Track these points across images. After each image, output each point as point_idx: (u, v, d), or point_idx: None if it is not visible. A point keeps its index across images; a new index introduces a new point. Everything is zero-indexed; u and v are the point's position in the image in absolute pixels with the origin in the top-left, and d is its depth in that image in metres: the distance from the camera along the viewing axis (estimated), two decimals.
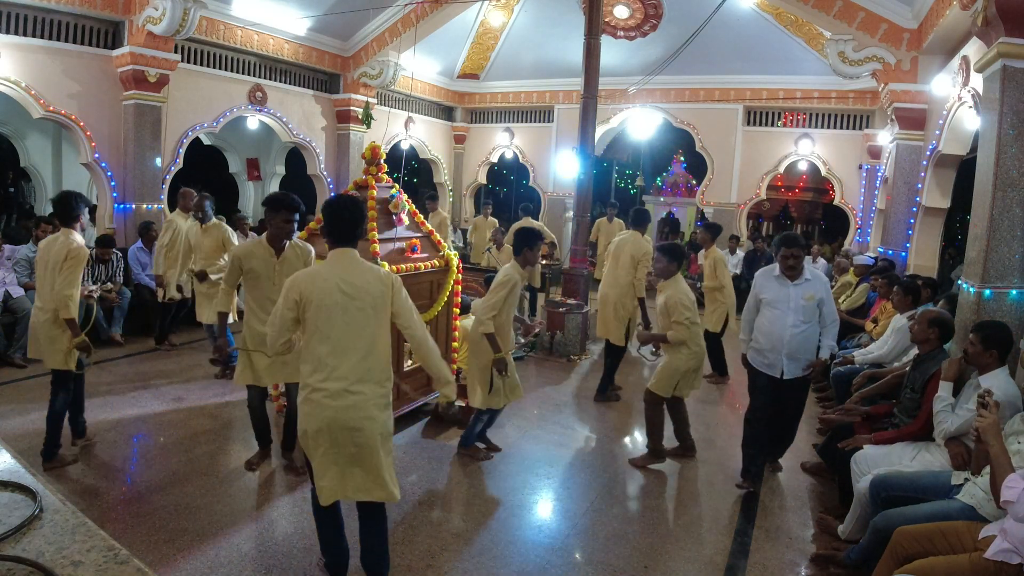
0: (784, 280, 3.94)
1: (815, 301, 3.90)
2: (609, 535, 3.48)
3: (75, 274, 3.70)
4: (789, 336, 3.88)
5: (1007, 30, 3.78)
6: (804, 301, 3.87)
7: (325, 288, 2.54)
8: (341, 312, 2.53)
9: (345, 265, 2.61)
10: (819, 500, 3.97)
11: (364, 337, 2.56)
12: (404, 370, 4.82)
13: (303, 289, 2.55)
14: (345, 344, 2.54)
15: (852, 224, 10.40)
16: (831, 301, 4.00)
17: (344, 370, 2.52)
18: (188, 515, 3.40)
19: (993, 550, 2.27)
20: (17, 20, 6.65)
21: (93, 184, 8.46)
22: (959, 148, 6.25)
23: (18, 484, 1.34)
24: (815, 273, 3.99)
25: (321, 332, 2.53)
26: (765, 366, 4.01)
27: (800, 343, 3.91)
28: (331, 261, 2.64)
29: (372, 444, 2.57)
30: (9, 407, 4.75)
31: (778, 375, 3.96)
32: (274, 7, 8.47)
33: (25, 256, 6.32)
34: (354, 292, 2.55)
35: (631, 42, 10.26)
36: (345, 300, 2.54)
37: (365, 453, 2.58)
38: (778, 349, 3.93)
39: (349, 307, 2.54)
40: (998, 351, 3.15)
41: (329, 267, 2.63)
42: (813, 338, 3.94)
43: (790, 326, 3.88)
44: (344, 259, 2.63)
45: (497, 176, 17.68)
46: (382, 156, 4.85)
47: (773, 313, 3.96)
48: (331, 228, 2.66)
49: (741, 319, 4.27)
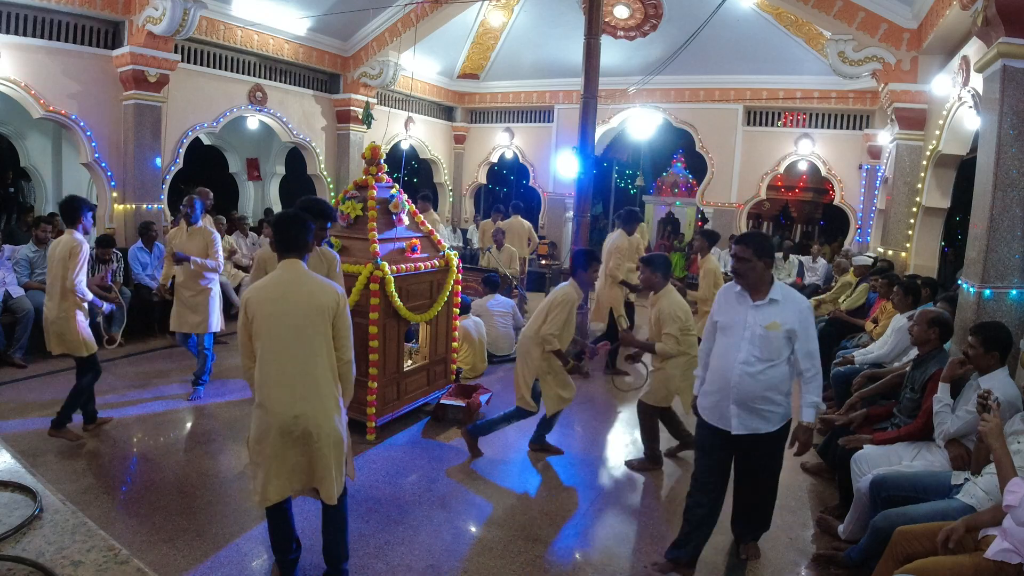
0: (744, 298, 2.93)
1: (781, 332, 2.82)
2: (609, 535, 3.48)
3: (79, 266, 4.11)
4: (737, 376, 2.85)
5: (1007, 30, 3.78)
6: (763, 330, 2.82)
7: (269, 298, 2.63)
8: (281, 321, 2.61)
9: (293, 278, 2.69)
10: (819, 500, 3.97)
11: (307, 345, 2.62)
12: (404, 370, 4.82)
13: (248, 302, 2.65)
14: (290, 352, 2.60)
15: (852, 224, 10.40)
16: (811, 338, 2.88)
17: (290, 378, 2.59)
18: (188, 515, 3.40)
19: (993, 550, 2.27)
20: (17, 20, 6.65)
21: (93, 184, 8.46)
22: (959, 148, 6.25)
23: (18, 484, 1.35)
24: (789, 294, 2.92)
25: (267, 339, 2.61)
26: (714, 416, 3.00)
27: (752, 389, 2.84)
28: (278, 274, 2.72)
29: (323, 452, 2.63)
30: (9, 407, 4.74)
31: (728, 429, 2.95)
32: (274, 7, 8.47)
33: (25, 256, 6.33)
34: (296, 301, 2.63)
35: (631, 42, 10.25)
36: (286, 308, 2.62)
37: (315, 460, 2.64)
38: (725, 392, 2.91)
39: (290, 316, 2.61)
40: (999, 352, 3.15)
41: (275, 281, 2.70)
42: (777, 384, 2.86)
43: (739, 362, 2.85)
44: (292, 271, 2.70)
45: (497, 176, 17.67)
46: (382, 156, 4.86)
47: (723, 343, 2.97)
48: (279, 242, 2.76)
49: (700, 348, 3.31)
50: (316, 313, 2.63)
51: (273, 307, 2.61)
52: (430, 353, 5.11)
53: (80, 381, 4.22)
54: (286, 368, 2.60)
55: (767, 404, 2.87)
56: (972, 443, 3.04)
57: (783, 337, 2.83)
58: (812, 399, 2.90)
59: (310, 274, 2.73)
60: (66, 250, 4.07)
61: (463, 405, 4.91)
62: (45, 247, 6.40)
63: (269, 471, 2.62)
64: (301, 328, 2.61)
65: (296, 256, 2.72)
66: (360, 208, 4.68)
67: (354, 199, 4.71)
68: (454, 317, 5.34)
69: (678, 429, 4.52)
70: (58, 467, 3.87)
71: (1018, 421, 2.87)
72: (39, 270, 6.31)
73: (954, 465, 3.08)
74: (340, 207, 4.75)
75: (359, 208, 4.68)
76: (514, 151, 12.96)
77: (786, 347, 2.86)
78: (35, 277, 6.25)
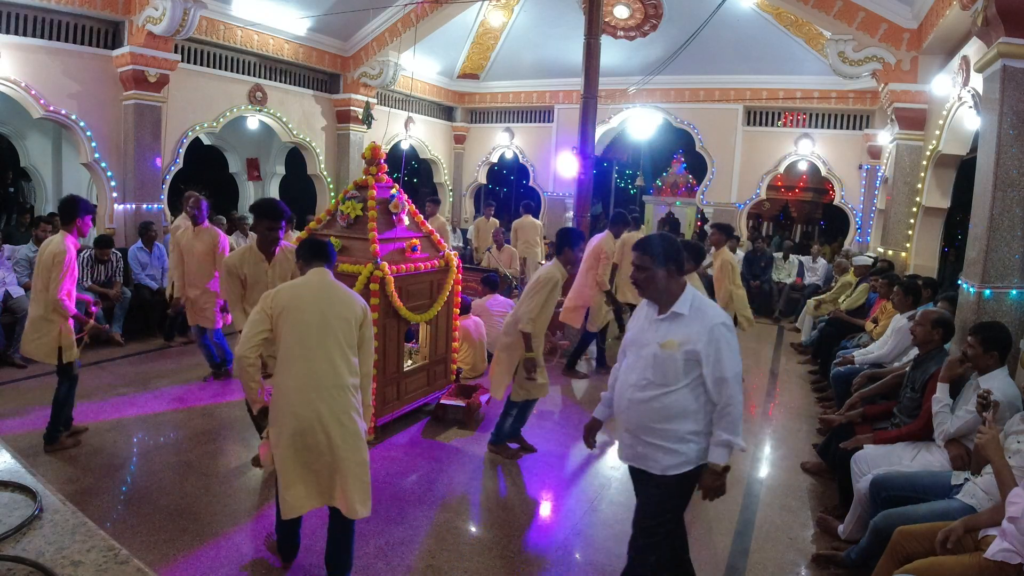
0: (653, 310, 2.51)
1: (679, 353, 2.33)
2: (609, 535, 3.48)
3: (61, 275, 3.87)
4: (626, 401, 2.47)
5: (1007, 30, 3.78)
6: (659, 348, 2.37)
7: (304, 302, 2.70)
8: (316, 326, 2.66)
9: (322, 283, 2.80)
10: (819, 500, 3.97)
11: (334, 350, 2.67)
12: (404, 370, 4.82)
13: (279, 296, 2.72)
14: (316, 355, 2.65)
15: (852, 224, 10.40)
16: (722, 361, 2.32)
17: (316, 378, 2.63)
18: (188, 515, 3.40)
19: (993, 549, 2.27)
20: (17, 20, 6.65)
21: (93, 184, 8.46)
22: (959, 148, 6.25)
23: (18, 484, 1.34)
24: (701, 308, 2.40)
25: (294, 341, 2.66)
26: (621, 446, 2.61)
27: (641, 417, 2.42)
28: (308, 278, 2.82)
29: (345, 456, 2.64)
30: (9, 407, 4.75)
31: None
32: (274, 7, 8.47)
33: (25, 256, 6.33)
34: (326, 307, 2.71)
35: (631, 42, 10.25)
36: (320, 315, 2.68)
37: (337, 464, 2.64)
38: (619, 418, 2.56)
39: (324, 321, 2.68)
40: (999, 352, 3.15)
41: (306, 283, 2.80)
42: (675, 416, 2.36)
43: (630, 384, 2.46)
44: (321, 277, 2.81)
45: (497, 176, 17.68)
46: (382, 156, 4.86)
47: (624, 362, 2.58)
48: (305, 250, 2.89)
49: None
50: (344, 321, 2.71)
51: (304, 310, 2.68)
52: (430, 353, 5.12)
53: (58, 392, 4.06)
54: (313, 369, 2.63)
55: (660, 439, 2.38)
56: (972, 443, 3.04)
57: (680, 359, 2.33)
58: (723, 437, 2.33)
59: (338, 284, 2.84)
60: (51, 257, 3.86)
61: (463, 405, 4.91)
62: None
63: (289, 476, 2.63)
64: (331, 333, 2.67)
65: (324, 264, 2.84)
66: (360, 208, 4.67)
67: (354, 199, 4.71)
68: (454, 317, 5.34)
69: None
70: (58, 467, 3.87)
71: (1018, 421, 2.87)
72: None
73: (954, 465, 3.08)
74: (340, 207, 4.75)
75: (359, 208, 4.67)
76: (514, 151, 12.96)
77: (688, 371, 2.35)
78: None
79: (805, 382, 6.56)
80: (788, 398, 6.07)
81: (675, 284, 2.43)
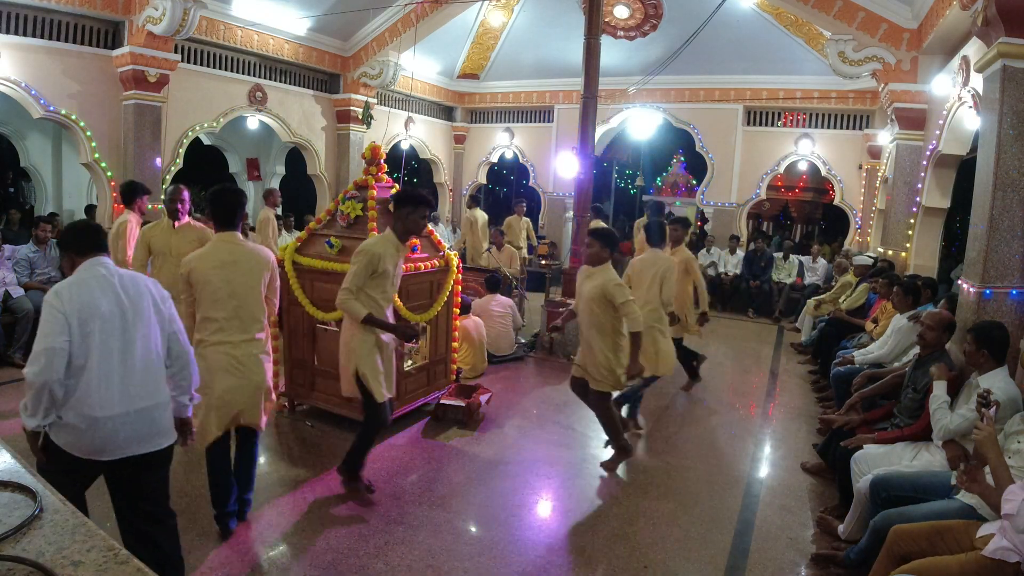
0: None
1: None
2: (609, 535, 3.48)
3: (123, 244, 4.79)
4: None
5: (1007, 30, 3.78)
6: None
7: (212, 265, 3.05)
8: (226, 283, 3.05)
9: (228, 245, 3.13)
10: (819, 500, 3.97)
11: (246, 299, 3.09)
12: (404, 370, 4.82)
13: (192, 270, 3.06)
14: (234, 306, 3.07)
15: (852, 224, 10.41)
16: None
17: (236, 326, 3.07)
18: (188, 515, 3.39)
19: (992, 547, 2.27)
20: (17, 20, 6.65)
21: (93, 184, 8.46)
22: (959, 148, 6.26)
23: (18, 484, 1.35)
24: None
25: (214, 300, 3.04)
26: None
27: None
28: (215, 242, 3.15)
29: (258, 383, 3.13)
30: (9, 407, 4.74)
31: None
32: (274, 7, 8.47)
33: (25, 256, 6.32)
34: (234, 265, 3.08)
35: (631, 42, 10.25)
36: (228, 273, 3.05)
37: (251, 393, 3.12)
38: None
39: (231, 278, 3.06)
40: (988, 351, 3.16)
41: (213, 247, 3.13)
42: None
43: None
44: (228, 240, 3.15)
45: (497, 176, 17.67)
46: (382, 156, 4.85)
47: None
48: (216, 212, 3.17)
49: None
50: (255, 274, 3.13)
51: (220, 273, 3.03)
52: (430, 353, 5.11)
53: None
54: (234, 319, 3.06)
55: None
56: (971, 443, 3.05)
57: None
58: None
59: (245, 242, 3.21)
60: (116, 229, 4.71)
61: (463, 405, 4.91)
62: (45, 247, 6.41)
63: (211, 409, 3.05)
64: (243, 288, 3.08)
65: (233, 229, 3.15)
66: (360, 208, 4.68)
67: (354, 199, 4.71)
68: (454, 317, 5.34)
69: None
70: None
71: (1018, 421, 2.87)
72: (39, 270, 6.31)
73: (951, 465, 3.08)
74: (340, 207, 4.75)
75: (359, 208, 4.68)
76: (514, 151, 12.96)
77: None
78: (35, 277, 6.25)
79: (805, 382, 6.56)
80: (788, 398, 6.07)
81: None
